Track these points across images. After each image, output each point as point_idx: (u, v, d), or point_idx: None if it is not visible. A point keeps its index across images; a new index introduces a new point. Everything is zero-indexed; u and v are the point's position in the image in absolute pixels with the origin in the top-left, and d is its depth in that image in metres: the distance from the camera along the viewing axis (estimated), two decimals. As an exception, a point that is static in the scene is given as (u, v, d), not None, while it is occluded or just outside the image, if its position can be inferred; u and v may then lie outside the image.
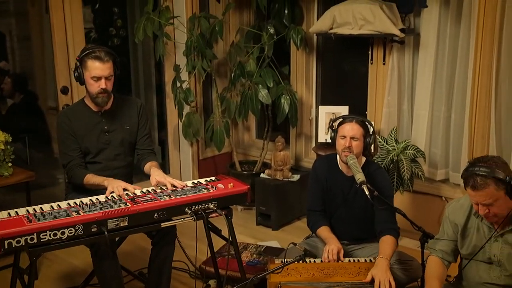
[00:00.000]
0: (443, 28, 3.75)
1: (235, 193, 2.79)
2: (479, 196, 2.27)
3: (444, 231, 2.64)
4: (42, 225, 2.30)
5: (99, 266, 2.74)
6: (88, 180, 2.87)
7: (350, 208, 3.19)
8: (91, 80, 2.91)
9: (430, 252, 2.69)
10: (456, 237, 2.60)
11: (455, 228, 2.58)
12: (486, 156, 2.35)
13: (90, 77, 2.90)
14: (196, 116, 4.69)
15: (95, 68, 2.88)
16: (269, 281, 2.81)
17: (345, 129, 3.08)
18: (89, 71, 2.89)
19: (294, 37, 4.25)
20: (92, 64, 2.88)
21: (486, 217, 2.38)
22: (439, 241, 2.66)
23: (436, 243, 2.67)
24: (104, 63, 2.88)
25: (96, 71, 2.88)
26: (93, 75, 2.89)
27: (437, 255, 2.64)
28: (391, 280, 2.71)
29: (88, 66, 2.89)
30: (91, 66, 2.88)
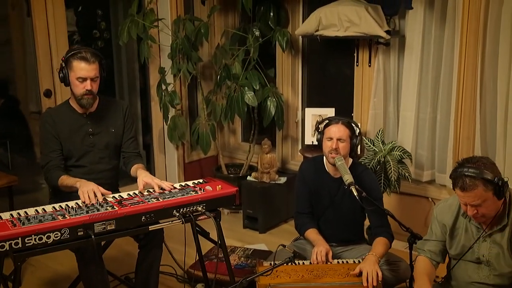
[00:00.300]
0: (428, 30, 3.78)
1: (223, 195, 2.76)
2: (468, 197, 2.28)
3: (433, 231, 2.64)
4: (27, 229, 2.24)
5: (85, 271, 2.69)
6: (62, 182, 2.81)
7: (337, 210, 3.18)
8: (76, 81, 2.86)
9: (419, 252, 2.69)
10: (444, 238, 2.61)
11: (443, 228, 2.59)
12: (475, 157, 2.36)
13: (75, 78, 2.85)
14: (181, 119, 4.65)
15: (81, 69, 2.83)
16: (258, 283, 2.78)
17: (331, 131, 3.07)
18: (75, 72, 2.84)
19: (280, 39, 4.24)
20: (77, 64, 2.83)
21: (475, 218, 2.38)
22: (428, 242, 2.66)
23: (424, 244, 2.68)
24: (90, 64, 2.84)
25: (81, 72, 2.84)
26: (79, 76, 2.84)
27: (426, 255, 2.64)
28: (378, 272, 2.72)
29: (73, 67, 2.84)
30: (76, 67, 2.83)
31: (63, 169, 2.92)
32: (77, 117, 2.98)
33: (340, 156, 3.04)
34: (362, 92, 4.18)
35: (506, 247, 2.40)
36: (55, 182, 2.84)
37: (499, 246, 2.42)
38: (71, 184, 2.76)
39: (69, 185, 2.77)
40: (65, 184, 2.80)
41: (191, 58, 4.44)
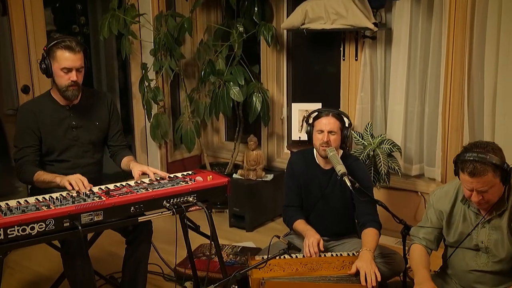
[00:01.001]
0: (415, 23, 3.75)
1: (214, 186, 2.67)
2: (477, 182, 2.21)
3: (428, 218, 2.59)
4: (9, 220, 2.11)
5: (70, 267, 2.55)
6: (39, 177, 2.64)
7: (328, 203, 3.11)
8: (60, 72, 2.71)
9: (413, 239, 2.63)
10: (440, 225, 2.55)
11: (440, 215, 2.53)
12: (482, 142, 2.27)
13: (59, 68, 2.70)
14: (164, 117, 4.55)
15: (65, 59, 2.68)
16: (251, 278, 2.68)
17: (322, 123, 3.01)
18: (59, 62, 2.69)
19: (265, 33, 4.17)
20: (62, 54, 2.68)
21: (478, 204, 2.32)
22: (422, 229, 2.61)
23: (419, 231, 2.61)
24: (75, 54, 2.69)
25: (66, 62, 2.68)
26: (63, 66, 2.69)
27: (421, 243, 2.59)
28: (377, 272, 2.64)
29: (57, 57, 2.69)
30: (60, 57, 2.68)
31: (37, 165, 2.76)
32: (60, 109, 2.84)
33: (332, 147, 2.98)
34: (349, 86, 4.14)
35: (506, 232, 2.36)
36: (30, 177, 2.67)
37: (499, 231, 2.38)
38: (49, 180, 2.60)
39: (47, 181, 2.61)
40: (41, 179, 2.63)
41: (174, 54, 4.34)
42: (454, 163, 2.29)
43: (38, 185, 2.66)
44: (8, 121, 4.32)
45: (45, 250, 3.87)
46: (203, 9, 4.79)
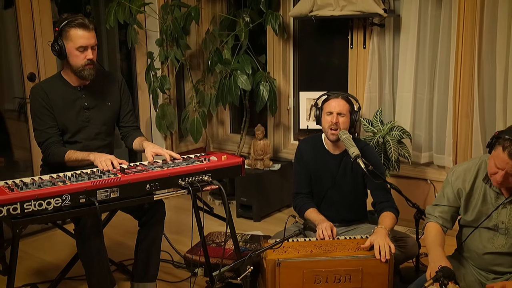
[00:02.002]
0: (424, 9, 3.73)
1: (229, 165, 2.64)
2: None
3: (445, 196, 2.54)
4: (26, 194, 2.07)
5: (84, 247, 2.51)
6: (70, 157, 2.62)
7: (339, 188, 3.08)
8: (76, 52, 2.65)
9: (428, 218, 2.58)
10: (457, 203, 2.51)
11: (459, 193, 2.49)
12: None
13: (74, 48, 2.64)
14: (170, 108, 4.52)
15: (80, 37, 2.62)
16: (266, 259, 2.65)
17: (331, 105, 2.99)
18: (73, 41, 2.63)
19: (272, 22, 4.15)
20: (76, 33, 2.62)
21: (500, 184, 2.28)
22: (438, 207, 2.56)
23: (435, 209, 2.57)
24: (89, 31, 2.64)
25: (81, 40, 2.63)
26: (79, 45, 2.63)
27: (437, 221, 2.54)
28: (391, 245, 2.62)
29: (71, 36, 2.63)
30: (75, 36, 2.62)
31: (63, 145, 2.74)
32: (71, 90, 2.79)
33: (344, 130, 2.95)
34: (356, 75, 4.12)
35: None
36: (61, 158, 2.64)
37: None
38: (82, 157, 2.59)
39: (79, 159, 2.60)
40: (73, 158, 2.62)
41: (179, 44, 4.32)
42: (495, 137, 2.25)
43: (69, 164, 2.63)
44: (9, 117, 4.26)
45: (51, 238, 3.88)
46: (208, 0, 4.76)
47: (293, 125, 4.69)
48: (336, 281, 2.63)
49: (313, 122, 4.12)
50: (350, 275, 2.63)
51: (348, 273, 2.63)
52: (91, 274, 2.54)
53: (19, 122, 4.15)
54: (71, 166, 2.63)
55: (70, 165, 2.63)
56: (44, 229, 3.95)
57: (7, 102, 4.24)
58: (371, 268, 2.62)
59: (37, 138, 2.75)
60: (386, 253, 2.59)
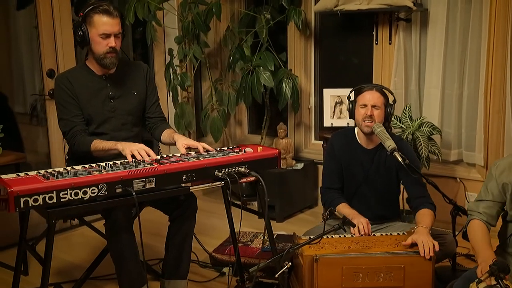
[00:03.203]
0: (453, 2, 3.65)
1: (265, 157, 2.54)
2: None
3: (489, 191, 2.43)
4: (62, 183, 1.97)
5: (115, 241, 2.40)
6: (96, 146, 2.52)
7: (372, 184, 2.98)
8: (98, 38, 2.57)
9: (472, 215, 2.46)
10: (503, 198, 2.41)
11: (504, 188, 2.39)
12: None
13: (98, 34, 2.56)
14: (188, 107, 4.42)
15: (104, 23, 2.54)
16: (303, 255, 2.55)
17: (365, 98, 2.90)
18: (97, 28, 2.55)
19: (296, 18, 4.07)
20: (99, 19, 2.54)
21: None
22: (482, 202, 2.44)
23: (478, 205, 2.45)
24: (113, 18, 2.56)
25: (104, 27, 2.55)
26: (102, 32, 2.55)
27: (481, 218, 2.42)
28: (434, 242, 2.52)
29: (94, 22, 2.55)
30: (98, 22, 2.54)
31: (89, 134, 2.64)
32: (96, 79, 2.70)
33: (378, 123, 2.86)
34: (381, 71, 4.03)
35: None
36: (87, 147, 2.54)
37: None
38: (109, 147, 2.49)
39: (106, 148, 2.50)
40: (100, 147, 2.52)
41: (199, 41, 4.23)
42: None
43: (95, 154, 2.53)
44: (22, 121, 4.15)
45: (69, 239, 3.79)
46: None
47: (315, 124, 4.60)
48: (377, 278, 2.52)
49: (337, 120, 4.08)
50: (392, 273, 2.52)
51: (389, 270, 2.52)
52: (122, 270, 2.43)
53: (38, 120, 4.06)
54: (97, 156, 2.53)
55: (96, 155, 2.53)
56: (62, 230, 3.86)
57: (17, 104, 4.15)
58: (414, 266, 2.51)
59: (62, 128, 2.65)
60: (430, 250, 2.49)
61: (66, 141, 2.66)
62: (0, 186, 1.95)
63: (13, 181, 1.96)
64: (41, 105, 3.97)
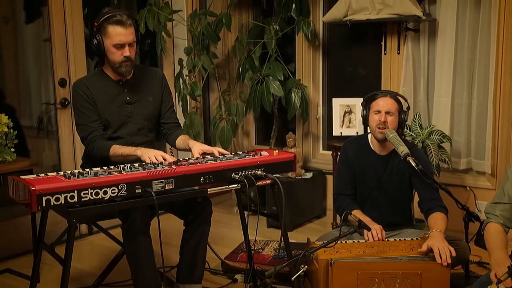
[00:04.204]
0: (462, 12, 3.69)
1: (281, 160, 2.57)
2: None
3: (505, 193, 2.42)
4: (83, 182, 1.99)
5: (132, 244, 2.40)
6: (115, 151, 2.54)
7: (384, 190, 2.99)
8: (113, 48, 2.60)
9: (488, 218, 2.45)
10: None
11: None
12: None
13: (112, 44, 2.59)
14: (197, 117, 4.45)
15: (118, 34, 2.58)
16: (318, 259, 2.55)
17: (379, 104, 2.93)
18: (111, 38, 2.58)
19: (305, 29, 4.11)
20: (113, 30, 2.57)
21: None
22: (499, 205, 2.42)
23: (495, 208, 2.43)
24: (127, 28, 2.59)
25: (118, 37, 2.58)
26: (116, 42, 2.58)
27: (498, 221, 2.40)
28: (451, 248, 2.51)
29: (109, 33, 2.58)
30: (112, 33, 2.58)
31: (107, 139, 2.66)
32: (113, 84, 2.73)
33: (391, 129, 2.88)
34: (390, 81, 4.06)
35: None
36: (106, 152, 2.55)
37: None
38: (128, 153, 2.50)
39: (125, 154, 2.51)
40: (119, 153, 2.53)
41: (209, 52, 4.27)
42: None
43: (114, 160, 2.54)
44: (29, 135, 4.14)
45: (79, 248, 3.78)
46: (235, 8, 4.73)
47: (323, 134, 4.62)
48: (393, 284, 2.51)
49: (347, 129, 4.10)
50: (409, 279, 2.50)
51: (406, 276, 2.50)
52: (138, 274, 2.43)
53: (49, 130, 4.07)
54: (115, 161, 2.54)
55: (114, 161, 2.54)
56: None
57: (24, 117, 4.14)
58: (431, 273, 2.49)
59: (80, 133, 2.67)
60: (448, 256, 2.48)
61: (85, 146, 2.68)
62: (21, 186, 1.96)
63: (35, 180, 1.98)
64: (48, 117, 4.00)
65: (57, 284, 3.14)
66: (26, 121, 4.08)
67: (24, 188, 1.94)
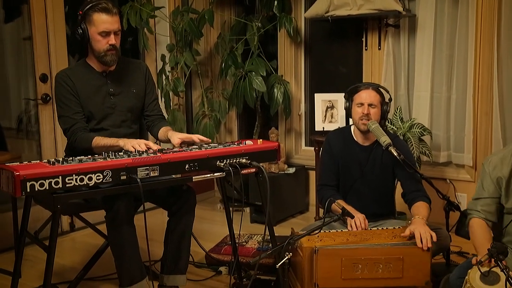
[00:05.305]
0: (441, 8, 3.76)
1: (265, 149, 2.58)
2: None
3: (484, 188, 2.45)
4: (68, 168, 1.98)
5: (116, 233, 2.38)
6: (98, 143, 2.52)
7: (367, 181, 3.02)
8: (98, 36, 2.59)
9: (471, 214, 2.47)
10: (498, 193, 2.44)
11: (499, 182, 2.42)
12: None
13: (97, 32, 2.58)
14: (180, 114, 4.45)
15: (103, 21, 2.56)
16: (303, 247, 2.57)
17: (362, 96, 2.96)
18: (96, 26, 2.57)
19: (287, 25, 4.15)
20: (99, 17, 2.56)
21: None
22: (480, 200, 2.46)
23: (476, 203, 2.47)
24: (112, 16, 2.58)
25: (104, 25, 2.56)
26: (102, 30, 2.57)
27: (480, 216, 2.43)
28: (431, 233, 2.55)
29: (94, 21, 2.57)
30: (98, 20, 2.56)
31: (89, 131, 2.64)
32: (97, 76, 2.71)
33: (373, 120, 2.92)
34: (371, 76, 4.12)
35: None
36: (88, 143, 2.54)
37: None
38: (111, 144, 2.48)
39: (108, 145, 2.49)
40: (101, 144, 2.51)
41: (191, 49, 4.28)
42: None
43: (96, 151, 2.51)
44: (9, 136, 4.10)
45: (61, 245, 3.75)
46: (217, 5, 4.75)
47: (305, 130, 4.65)
48: (376, 269, 2.54)
49: (329, 124, 4.13)
50: (391, 264, 2.53)
51: (388, 261, 2.54)
52: (122, 263, 2.42)
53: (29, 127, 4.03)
54: (98, 153, 2.52)
55: (97, 152, 2.51)
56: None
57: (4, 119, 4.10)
58: (412, 257, 2.53)
59: (62, 125, 2.65)
60: (428, 241, 2.52)
61: (67, 138, 2.66)
62: (5, 173, 1.95)
63: (19, 166, 1.97)
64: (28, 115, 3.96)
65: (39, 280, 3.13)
66: (5, 118, 4.05)
67: (7, 174, 1.92)
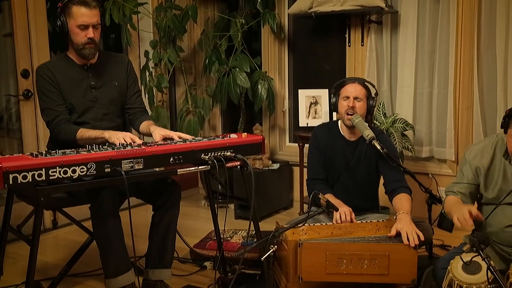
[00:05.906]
0: (422, 4, 3.81)
1: (250, 142, 2.58)
2: None
3: (464, 175, 2.53)
4: (51, 160, 1.97)
5: (101, 225, 2.38)
6: (83, 134, 2.50)
7: (352, 175, 3.04)
8: (77, 29, 2.58)
9: (447, 194, 2.57)
10: (476, 181, 2.51)
11: (477, 171, 2.49)
12: None
13: (75, 25, 2.57)
14: (163, 111, 4.43)
15: (82, 14, 2.55)
16: (287, 240, 2.58)
17: (347, 90, 2.98)
18: (75, 19, 2.56)
19: (271, 21, 4.16)
20: (77, 10, 2.55)
21: None
22: (457, 184, 2.55)
23: (453, 187, 2.56)
24: (91, 9, 2.57)
25: (82, 18, 2.56)
26: (80, 23, 2.56)
27: (456, 196, 2.52)
28: (419, 232, 2.56)
29: (73, 13, 2.56)
30: (76, 13, 2.55)
31: (73, 123, 2.62)
32: (77, 69, 2.70)
33: (357, 114, 2.93)
34: (355, 72, 4.14)
35: None
36: (72, 135, 2.52)
37: None
38: (96, 136, 2.47)
39: (93, 137, 2.47)
40: (86, 136, 2.50)
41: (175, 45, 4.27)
42: (508, 116, 2.28)
43: (81, 143, 2.50)
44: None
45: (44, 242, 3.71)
46: (201, 1, 4.74)
47: (289, 127, 4.67)
48: (361, 265, 2.52)
49: (313, 120, 4.15)
50: (376, 260, 2.51)
51: (373, 257, 2.51)
52: (108, 255, 2.41)
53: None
54: (82, 145, 2.50)
55: (81, 144, 2.50)
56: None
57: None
58: (398, 254, 2.51)
59: (45, 117, 2.63)
60: (415, 239, 2.53)
61: (50, 130, 2.64)
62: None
63: (1, 158, 1.94)
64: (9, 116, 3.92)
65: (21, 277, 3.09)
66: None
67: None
